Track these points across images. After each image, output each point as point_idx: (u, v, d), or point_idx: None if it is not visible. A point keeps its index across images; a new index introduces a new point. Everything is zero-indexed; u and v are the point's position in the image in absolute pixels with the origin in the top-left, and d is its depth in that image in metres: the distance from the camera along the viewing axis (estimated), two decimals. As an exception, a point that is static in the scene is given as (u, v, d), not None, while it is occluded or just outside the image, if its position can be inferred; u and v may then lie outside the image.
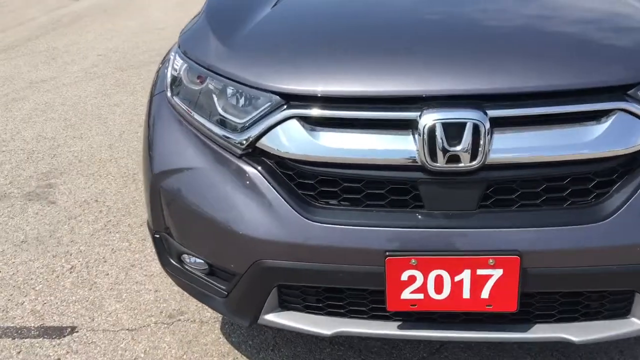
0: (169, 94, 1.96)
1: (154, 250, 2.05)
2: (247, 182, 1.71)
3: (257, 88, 1.70)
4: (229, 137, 1.74)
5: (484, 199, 1.60)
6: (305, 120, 1.64)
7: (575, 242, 1.56)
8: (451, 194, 1.60)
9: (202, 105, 1.83)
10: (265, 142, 1.69)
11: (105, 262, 2.81)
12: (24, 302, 2.57)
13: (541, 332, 1.69)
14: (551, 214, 1.59)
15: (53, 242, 3.01)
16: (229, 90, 1.76)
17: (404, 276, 1.61)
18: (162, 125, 1.96)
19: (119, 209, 3.29)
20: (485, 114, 1.53)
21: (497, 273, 1.57)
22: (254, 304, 1.78)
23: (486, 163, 1.55)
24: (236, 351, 2.23)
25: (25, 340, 2.33)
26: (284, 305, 1.81)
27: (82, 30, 7.61)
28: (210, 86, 1.81)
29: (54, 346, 2.30)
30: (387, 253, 1.58)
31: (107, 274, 2.73)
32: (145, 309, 2.48)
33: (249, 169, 1.71)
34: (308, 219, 1.64)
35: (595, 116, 1.57)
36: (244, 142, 1.70)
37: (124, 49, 6.68)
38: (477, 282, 1.59)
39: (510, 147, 1.56)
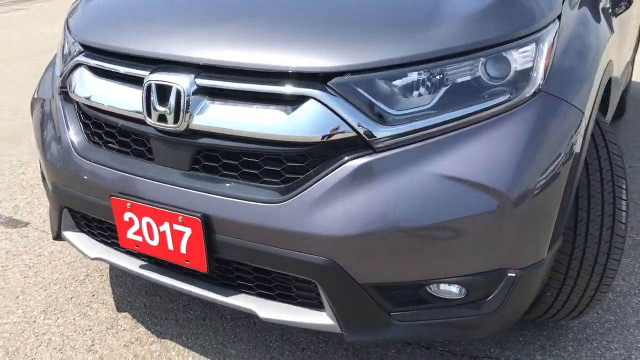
0: (64, 39, 2.35)
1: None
2: (56, 114, 2.04)
3: (73, 38, 2.02)
4: (58, 75, 2.08)
5: (196, 162, 1.72)
6: (89, 68, 1.92)
7: (250, 217, 1.61)
8: (170, 152, 1.75)
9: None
10: (67, 82, 1.99)
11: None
12: (17, 197, 3.22)
13: (233, 298, 1.77)
14: (240, 187, 1.64)
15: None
16: (69, 39, 2.10)
17: (126, 217, 1.80)
18: (51, 64, 2.37)
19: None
20: (195, 82, 1.65)
21: (188, 231, 1.69)
22: (55, 220, 2.11)
23: (190, 128, 1.67)
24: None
25: (-8, 224, 2.96)
26: (80, 226, 2.11)
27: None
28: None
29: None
30: (112, 193, 1.79)
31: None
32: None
33: (58, 103, 2.04)
34: (77, 153, 1.92)
35: (291, 100, 1.58)
36: (59, 78, 2.03)
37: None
38: (176, 236, 1.72)
39: (211, 116, 1.65)
